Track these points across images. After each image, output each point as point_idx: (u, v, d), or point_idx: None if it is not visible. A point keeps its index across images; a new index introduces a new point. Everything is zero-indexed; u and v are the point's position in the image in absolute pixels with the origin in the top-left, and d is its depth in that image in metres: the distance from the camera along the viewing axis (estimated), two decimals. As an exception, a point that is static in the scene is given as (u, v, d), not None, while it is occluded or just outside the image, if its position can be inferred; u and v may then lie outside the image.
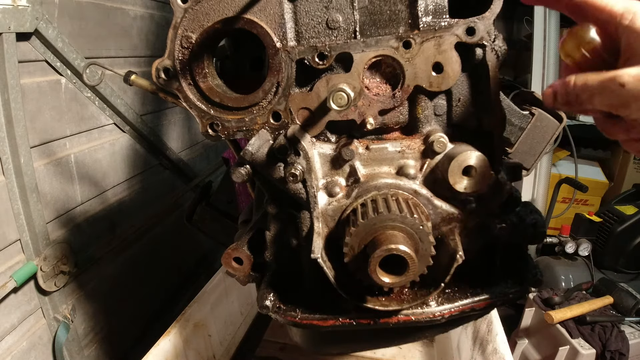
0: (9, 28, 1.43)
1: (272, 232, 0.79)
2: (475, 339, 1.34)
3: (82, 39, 1.83)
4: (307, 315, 0.78)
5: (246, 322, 1.84)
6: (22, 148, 1.52)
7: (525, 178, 0.87)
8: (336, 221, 0.73)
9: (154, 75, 0.74)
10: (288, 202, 0.76)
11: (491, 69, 0.69)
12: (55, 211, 1.75)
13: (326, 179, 0.74)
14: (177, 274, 2.58)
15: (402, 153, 0.74)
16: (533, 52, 2.68)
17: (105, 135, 2.05)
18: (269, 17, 0.69)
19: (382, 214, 0.64)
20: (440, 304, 0.75)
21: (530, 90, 1.14)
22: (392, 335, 0.89)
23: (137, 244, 2.22)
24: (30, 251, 1.59)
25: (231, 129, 0.75)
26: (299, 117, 0.73)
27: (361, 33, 0.69)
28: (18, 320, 1.57)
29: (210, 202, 1.17)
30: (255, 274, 0.84)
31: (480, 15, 0.66)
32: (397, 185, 0.71)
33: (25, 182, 1.53)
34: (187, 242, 2.62)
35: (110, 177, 2.07)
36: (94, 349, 1.95)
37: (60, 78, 1.76)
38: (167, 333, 1.36)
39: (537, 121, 0.82)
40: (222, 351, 1.66)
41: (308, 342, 0.95)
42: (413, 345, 1.67)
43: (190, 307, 1.48)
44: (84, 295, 1.88)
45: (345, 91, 0.65)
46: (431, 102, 0.73)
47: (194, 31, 0.70)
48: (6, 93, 1.46)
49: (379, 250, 0.61)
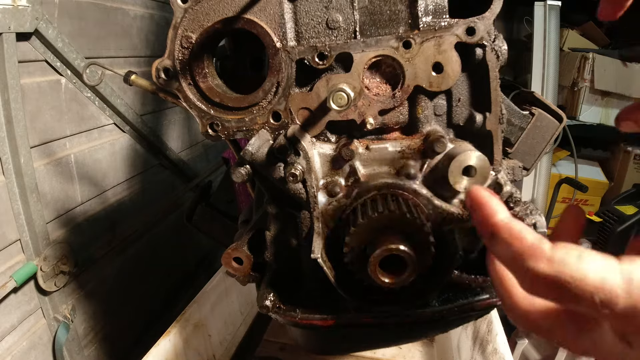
0: (9, 28, 1.43)
1: (272, 232, 0.79)
2: (475, 339, 1.34)
3: (82, 39, 1.83)
4: (307, 315, 0.78)
5: (246, 322, 1.84)
6: (22, 148, 1.52)
7: (525, 178, 0.87)
8: (336, 221, 0.73)
9: (154, 75, 0.74)
10: (288, 202, 0.76)
11: (491, 69, 0.69)
12: (55, 211, 1.75)
13: (326, 179, 0.74)
14: (177, 274, 2.58)
15: (402, 153, 0.74)
16: (533, 52, 2.68)
17: (105, 135, 2.05)
18: (269, 17, 0.69)
19: (382, 214, 0.64)
20: (440, 304, 0.75)
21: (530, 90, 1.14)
22: (392, 335, 0.89)
23: (137, 244, 2.22)
24: (30, 251, 1.59)
25: (231, 129, 0.75)
26: (299, 117, 0.73)
27: (361, 33, 0.69)
28: (18, 320, 1.57)
29: (210, 202, 1.17)
30: (255, 274, 0.84)
31: (480, 15, 0.66)
32: (397, 185, 0.71)
33: (25, 182, 1.53)
34: (187, 242, 2.62)
35: (110, 177, 2.07)
36: (94, 349, 1.95)
37: (60, 78, 1.76)
38: (167, 333, 1.36)
39: (537, 121, 0.82)
40: (222, 351, 1.66)
41: (308, 342, 0.95)
42: (413, 345, 1.67)
43: (190, 307, 1.48)
44: (84, 295, 1.88)
45: (345, 91, 0.65)
46: (431, 102, 0.73)
47: (194, 31, 0.70)
48: (6, 93, 1.46)
49: (379, 250, 0.61)
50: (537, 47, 2.66)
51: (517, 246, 0.33)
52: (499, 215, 0.36)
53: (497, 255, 0.36)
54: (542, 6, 2.66)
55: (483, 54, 0.68)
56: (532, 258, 0.32)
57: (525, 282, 0.33)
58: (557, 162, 3.07)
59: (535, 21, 2.66)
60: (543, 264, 0.32)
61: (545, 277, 0.31)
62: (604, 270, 0.30)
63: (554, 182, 2.65)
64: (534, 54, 2.67)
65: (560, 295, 0.31)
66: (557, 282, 0.31)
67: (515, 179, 0.81)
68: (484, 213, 0.37)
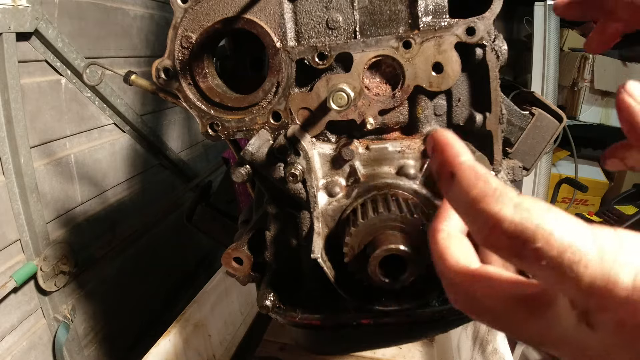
0: (9, 28, 1.43)
1: (272, 232, 0.79)
2: (475, 339, 1.34)
3: (82, 39, 1.83)
4: (307, 315, 0.78)
5: (246, 322, 1.84)
6: (22, 148, 1.52)
7: (525, 178, 0.87)
8: (336, 221, 0.73)
9: (154, 75, 0.74)
10: (288, 202, 0.76)
11: (491, 69, 0.69)
12: (55, 211, 1.75)
13: (326, 179, 0.74)
14: (177, 274, 2.58)
15: (402, 153, 0.74)
16: (533, 52, 2.68)
17: (105, 135, 2.05)
18: (269, 17, 0.69)
19: (382, 214, 0.64)
20: (440, 304, 0.75)
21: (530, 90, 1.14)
22: (392, 335, 0.89)
23: (137, 244, 2.22)
24: (30, 251, 1.59)
25: (231, 129, 0.75)
26: (299, 117, 0.73)
27: (361, 33, 0.69)
28: (18, 320, 1.57)
29: (210, 202, 1.17)
30: (255, 274, 0.84)
31: (480, 15, 0.66)
32: (397, 185, 0.71)
33: (25, 182, 1.53)
34: (187, 242, 2.62)
35: (110, 177, 2.07)
36: (94, 349, 1.95)
37: (60, 78, 1.76)
38: (167, 333, 1.36)
39: (537, 121, 0.82)
40: (222, 351, 1.66)
41: (308, 342, 0.95)
42: (413, 345, 1.67)
43: (190, 307, 1.48)
44: (84, 295, 1.88)
45: (345, 91, 0.65)
46: (431, 102, 0.73)
47: (194, 31, 0.70)
48: (6, 93, 1.46)
49: (379, 250, 0.61)
50: (537, 47, 2.66)
51: (480, 188, 0.29)
52: (464, 157, 0.32)
53: (454, 199, 0.31)
54: (542, 6, 2.66)
55: (483, 54, 0.68)
56: (497, 201, 0.28)
57: (482, 230, 0.28)
58: (557, 162, 3.07)
59: (535, 21, 2.66)
60: (508, 208, 0.27)
61: (509, 224, 0.27)
62: (576, 228, 0.26)
63: (554, 182, 2.65)
64: (534, 54, 2.67)
65: (520, 249, 0.27)
66: (521, 232, 0.26)
67: (515, 179, 0.81)
68: (448, 154, 0.32)
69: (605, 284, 0.24)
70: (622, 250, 0.25)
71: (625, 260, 0.24)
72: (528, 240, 0.26)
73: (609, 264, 0.24)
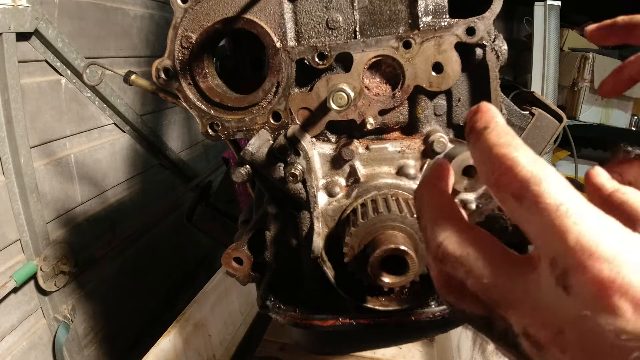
0: (9, 28, 1.43)
1: (272, 232, 0.79)
2: (476, 339, 1.34)
3: (82, 39, 1.83)
4: (307, 315, 0.78)
5: (246, 322, 1.84)
6: (22, 148, 1.52)
7: (526, 178, 0.86)
8: (336, 221, 0.73)
9: (154, 75, 0.74)
10: (288, 202, 0.76)
11: (491, 69, 0.69)
12: (55, 211, 1.75)
13: (326, 179, 0.74)
14: (177, 274, 2.58)
15: (402, 153, 0.74)
16: (533, 52, 2.68)
17: (105, 135, 2.05)
18: (269, 17, 0.69)
19: (382, 214, 0.64)
20: (441, 304, 0.75)
21: (530, 90, 1.14)
22: (392, 335, 0.89)
23: (137, 244, 2.22)
24: (30, 251, 1.59)
25: (231, 129, 0.75)
26: (299, 117, 0.73)
27: (361, 33, 0.69)
28: (18, 320, 1.57)
29: (210, 202, 1.17)
30: (255, 274, 0.84)
31: (480, 15, 0.66)
32: (397, 185, 0.71)
33: (25, 182, 1.54)
34: (187, 242, 2.62)
35: (110, 177, 2.07)
36: (94, 349, 1.95)
37: (60, 78, 1.76)
38: (167, 333, 1.36)
39: (537, 121, 0.82)
40: (222, 351, 1.66)
41: (308, 342, 0.95)
42: (413, 345, 1.67)
43: (190, 307, 1.48)
44: (84, 295, 1.88)
45: (345, 91, 0.65)
46: (431, 102, 0.73)
47: (194, 31, 0.70)
48: (6, 93, 1.46)
49: (379, 250, 0.61)
50: (537, 47, 2.66)
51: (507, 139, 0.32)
52: (500, 120, 0.35)
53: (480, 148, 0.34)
54: (542, 6, 2.66)
55: (483, 54, 0.68)
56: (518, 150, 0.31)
57: (498, 169, 0.31)
58: (557, 162, 3.07)
59: (535, 21, 2.67)
60: (527, 157, 0.31)
61: (522, 167, 0.30)
62: (577, 195, 0.29)
63: (554, 182, 2.65)
64: (534, 54, 2.67)
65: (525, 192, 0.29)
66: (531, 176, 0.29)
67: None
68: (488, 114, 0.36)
69: (590, 244, 0.26)
70: (609, 221, 0.27)
71: (611, 228, 0.27)
72: (535, 183, 0.29)
73: (597, 228, 0.27)
